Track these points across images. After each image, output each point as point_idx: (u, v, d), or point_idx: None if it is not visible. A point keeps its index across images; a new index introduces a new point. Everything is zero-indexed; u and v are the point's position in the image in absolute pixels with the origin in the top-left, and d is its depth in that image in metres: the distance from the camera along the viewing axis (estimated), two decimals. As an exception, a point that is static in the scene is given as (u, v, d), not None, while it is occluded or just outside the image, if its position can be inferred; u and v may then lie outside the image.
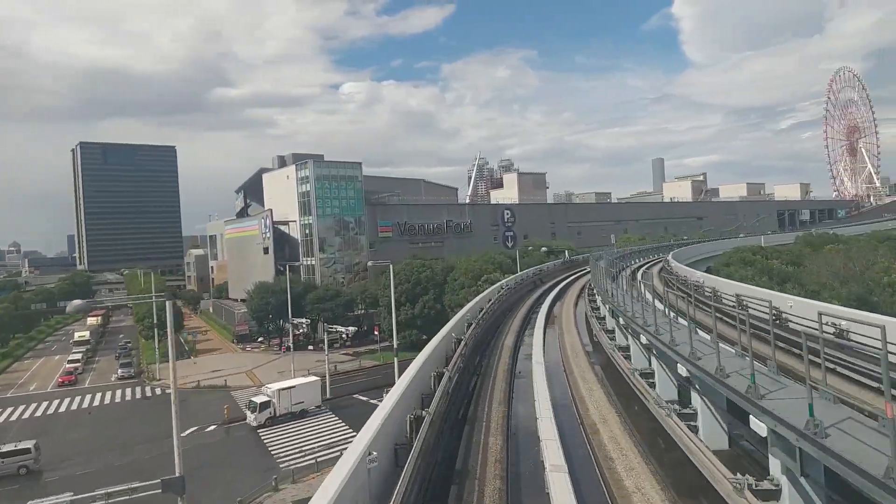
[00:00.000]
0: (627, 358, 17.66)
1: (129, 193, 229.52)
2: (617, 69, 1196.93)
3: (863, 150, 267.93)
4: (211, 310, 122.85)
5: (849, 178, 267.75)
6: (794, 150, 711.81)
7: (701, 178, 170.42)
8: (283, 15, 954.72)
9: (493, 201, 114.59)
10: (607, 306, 24.21)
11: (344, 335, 57.81)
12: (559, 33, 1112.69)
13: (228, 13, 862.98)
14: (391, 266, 42.45)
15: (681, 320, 14.53)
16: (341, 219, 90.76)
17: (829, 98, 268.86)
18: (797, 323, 16.55)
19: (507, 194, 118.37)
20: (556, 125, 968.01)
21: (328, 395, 52.21)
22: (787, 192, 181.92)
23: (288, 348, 64.41)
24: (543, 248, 61.85)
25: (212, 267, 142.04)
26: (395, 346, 42.49)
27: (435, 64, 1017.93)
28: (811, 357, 7.69)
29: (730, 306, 17.89)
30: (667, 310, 14.64)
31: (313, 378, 50.28)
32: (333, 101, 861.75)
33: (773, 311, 14.08)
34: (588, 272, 53.84)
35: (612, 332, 22.29)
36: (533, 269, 62.22)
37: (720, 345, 10.63)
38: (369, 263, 79.93)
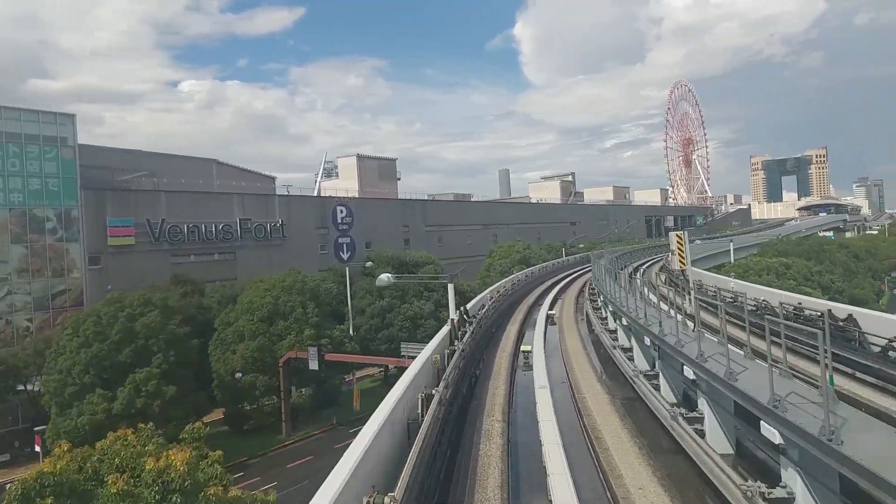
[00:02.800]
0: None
1: None
2: (464, 85, 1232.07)
3: (696, 162, 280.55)
4: None
5: (685, 188, 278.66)
6: (618, 167, 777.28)
7: (570, 178, 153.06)
8: (116, 4, 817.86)
9: (323, 193, 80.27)
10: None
11: None
12: (409, 46, 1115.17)
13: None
14: None
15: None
16: (25, 212, 50.13)
17: (668, 108, 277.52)
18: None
19: (344, 185, 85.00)
20: (407, 135, 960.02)
21: None
22: (647, 197, 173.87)
23: None
24: (382, 276, 29.34)
25: None
26: None
27: (284, 67, 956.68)
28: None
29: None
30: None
31: None
32: (171, 99, 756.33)
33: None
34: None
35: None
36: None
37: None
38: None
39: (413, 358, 19.00)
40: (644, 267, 55.92)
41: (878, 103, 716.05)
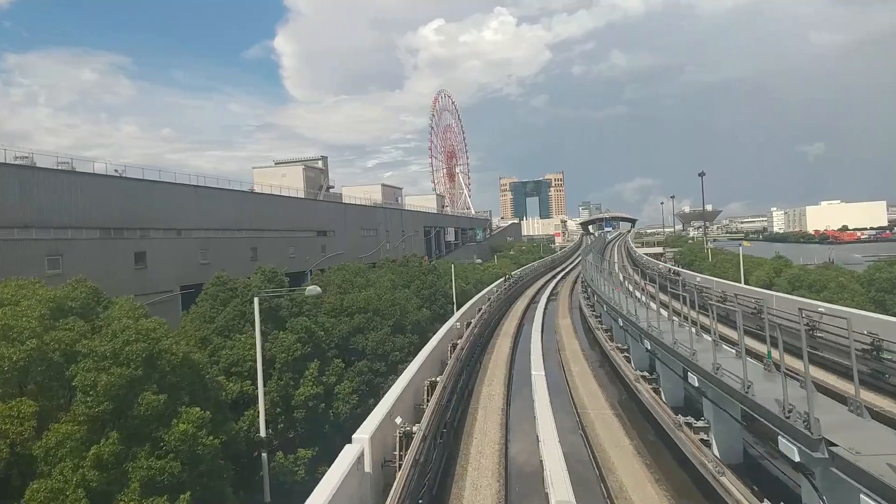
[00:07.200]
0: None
1: None
2: (220, 92, 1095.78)
3: (459, 176, 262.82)
4: None
5: (449, 201, 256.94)
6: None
7: (319, 163, 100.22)
8: None
9: None
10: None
11: None
12: (157, 44, 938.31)
13: None
14: None
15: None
16: None
17: (433, 115, 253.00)
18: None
19: None
20: (153, 140, 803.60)
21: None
22: (422, 203, 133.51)
23: None
24: None
25: None
26: None
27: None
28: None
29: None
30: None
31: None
32: None
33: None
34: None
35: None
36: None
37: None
38: None
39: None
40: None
41: (591, 140, 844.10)
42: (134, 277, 44.82)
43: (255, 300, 20.70)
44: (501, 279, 47.15)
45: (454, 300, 45.85)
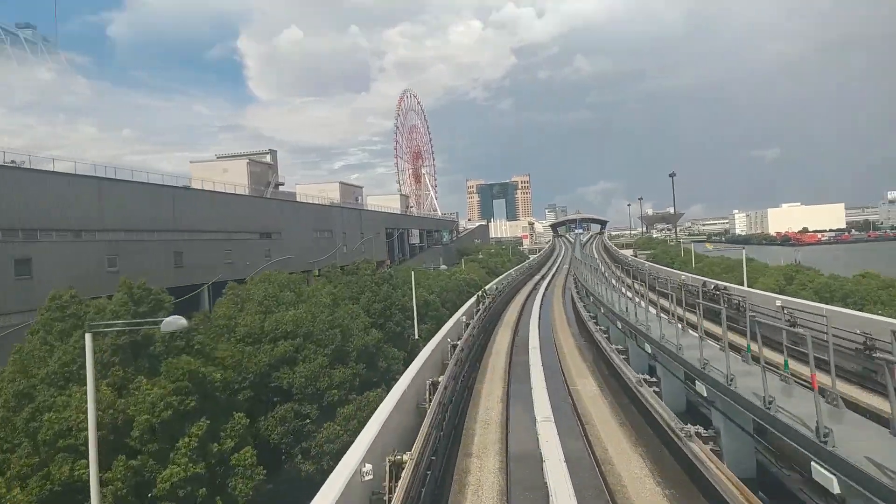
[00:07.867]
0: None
1: None
2: (183, 93, 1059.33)
3: (426, 177, 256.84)
4: None
5: (415, 203, 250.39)
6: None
7: (267, 157, 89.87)
8: None
9: None
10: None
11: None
12: (117, 42, 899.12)
13: None
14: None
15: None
16: None
17: (398, 115, 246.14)
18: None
19: None
20: (113, 142, 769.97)
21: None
22: (385, 203, 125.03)
23: None
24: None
25: None
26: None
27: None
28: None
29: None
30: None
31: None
32: None
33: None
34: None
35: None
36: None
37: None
38: None
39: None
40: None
41: (556, 144, 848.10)
42: (15, 290, 35.90)
43: (88, 336, 12.89)
44: (473, 299, 39.25)
45: (415, 315, 38.41)
